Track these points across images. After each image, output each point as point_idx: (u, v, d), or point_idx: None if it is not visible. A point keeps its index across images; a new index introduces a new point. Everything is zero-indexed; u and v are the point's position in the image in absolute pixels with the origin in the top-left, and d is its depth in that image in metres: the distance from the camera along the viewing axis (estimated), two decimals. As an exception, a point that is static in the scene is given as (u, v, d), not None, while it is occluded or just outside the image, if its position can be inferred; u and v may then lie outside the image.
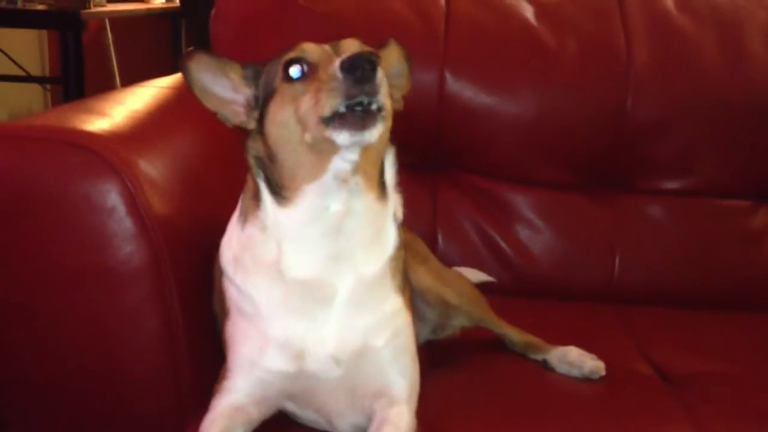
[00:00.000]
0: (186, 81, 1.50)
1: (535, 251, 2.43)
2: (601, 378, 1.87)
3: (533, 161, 2.44)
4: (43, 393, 1.66)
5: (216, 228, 1.61)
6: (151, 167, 1.65)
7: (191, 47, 5.54)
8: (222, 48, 2.42)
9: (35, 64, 5.38)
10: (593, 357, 1.90)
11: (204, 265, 1.68)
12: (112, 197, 1.53)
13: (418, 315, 1.90)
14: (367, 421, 1.55)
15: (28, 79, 5.13)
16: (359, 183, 1.42)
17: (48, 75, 5.50)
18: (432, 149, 2.40)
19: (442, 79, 2.36)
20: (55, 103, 5.26)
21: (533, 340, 1.98)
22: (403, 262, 1.59)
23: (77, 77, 4.06)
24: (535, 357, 1.96)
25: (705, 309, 2.36)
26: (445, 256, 2.36)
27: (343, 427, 1.58)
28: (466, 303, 1.94)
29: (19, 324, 1.61)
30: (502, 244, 2.43)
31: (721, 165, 2.46)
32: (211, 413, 1.51)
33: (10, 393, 1.69)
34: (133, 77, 2.45)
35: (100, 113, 1.78)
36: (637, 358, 2.03)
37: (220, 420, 1.49)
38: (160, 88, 2.18)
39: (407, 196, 1.56)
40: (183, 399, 1.65)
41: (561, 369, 1.90)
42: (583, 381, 1.87)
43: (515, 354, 1.99)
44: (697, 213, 2.45)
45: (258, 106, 1.48)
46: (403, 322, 1.57)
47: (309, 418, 1.60)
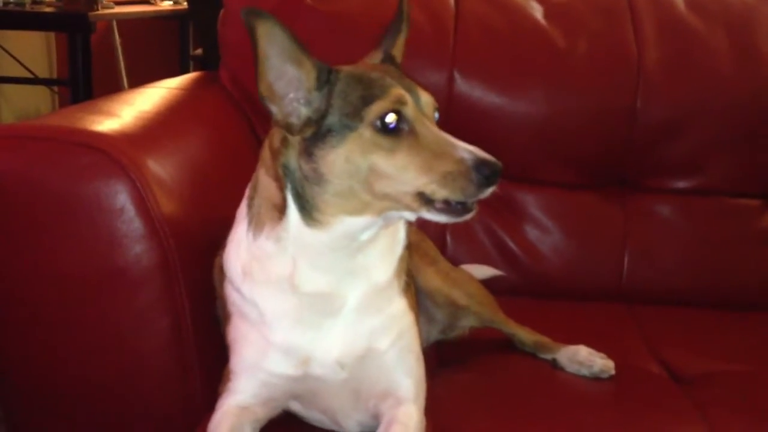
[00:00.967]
0: (252, 45, 1.30)
1: (545, 251, 2.42)
2: (611, 377, 1.86)
3: (542, 161, 2.43)
4: (53, 394, 1.66)
5: (224, 228, 1.61)
6: (159, 168, 1.65)
7: (198, 49, 5.55)
8: (230, 51, 2.42)
9: (43, 66, 5.39)
10: (603, 356, 1.89)
11: (213, 265, 1.68)
12: (122, 198, 1.53)
13: (427, 316, 1.90)
14: (373, 419, 1.55)
15: (36, 81, 5.15)
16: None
17: (56, 77, 5.51)
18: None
19: (451, 79, 2.36)
20: (63, 105, 5.27)
21: (542, 339, 1.97)
22: (407, 261, 1.58)
23: (85, 79, 4.07)
24: (545, 356, 1.95)
25: (715, 308, 2.35)
26: (455, 256, 2.35)
27: (349, 426, 1.58)
28: (474, 304, 1.94)
29: (29, 325, 1.61)
30: (511, 244, 2.43)
31: (731, 164, 2.45)
32: (218, 413, 1.51)
33: (19, 395, 1.69)
34: (141, 79, 2.46)
35: (109, 114, 1.78)
36: (648, 357, 2.03)
37: (228, 419, 1.49)
38: (168, 89, 2.18)
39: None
40: (193, 399, 1.65)
41: (570, 368, 1.90)
42: (592, 380, 1.86)
43: (524, 353, 1.98)
44: (706, 212, 2.44)
45: (322, 124, 1.35)
46: (407, 322, 1.56)
47: (315, 417, 1.60)
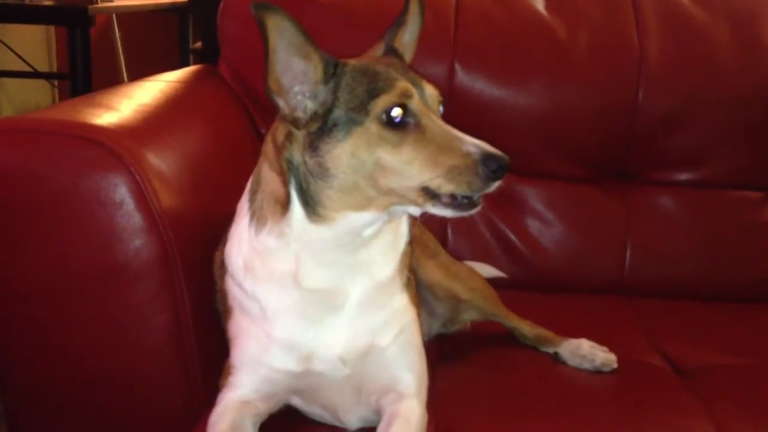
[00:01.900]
0: (262, 38, 1.29)
1: (546, 244, 2.41)
2: (614, 371, 1.86)
3: (544, 154, 2.42)
4: (53, 389, 1.66)
5: (224, 222, 1.60)
6: (159, 161, 1.64)
7: (198, 42, 5.53)
8: (230, 43, 2.41)
9: (43, 60, 5.38)
10: (605, 350, 1.89)
11: (213, 258, 1.68)
12: (121, 191, 1.52)
13: (428, 309, 1.89)
14: (375, 414, 1.54)
15: (35, 75, 5.13)
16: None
17: (55, 71, 5.50)
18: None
19: (452, 71, 2.35)
20: (62, 99, 5.26)
21: (544, 333, 1.97)
22: (409, 256, 1.57)
23: (85, 73, 4.05)
24: (546, 350, 1.95)
25: (717, 301, 2.35)
26: (456, 250, 2.35)
27: (350, 420, 1.58)
28: (476, 297, 1.93)
29: (29, 319, 1.61)
30: (513, 237, 2.42)
31: (732, 157, 2.44)
32: (218, 406, 1.50)
33: (19, 390, 1.69)
34: (140, 73, 2.44)
35: (109, 107, 1.77)
36: (650, 350, 2.02)
37: (229, 413, 1.48)
38: (167, 82, 2.17)
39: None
40: (193, 393, 1.65)
41: (573, 362, 1.89)
42: (594, 374, 1.86)
43: (526, 347, 1.98)
44: (708, 205, 2.44)
45: (327, 118, 1.34)
46: (408, 318, 1.56)
47: (315, 412, 1.60)
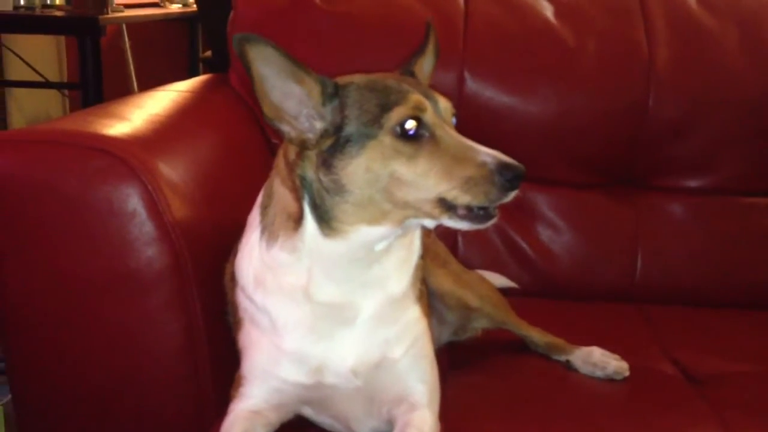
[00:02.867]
0: (246, 72, 1.30)
1: (556, 251, 2.41)
2: (625, 378, 1.85)
3: (553, 160, 2.42)
4: (65, 397, 1.66)
5: (236, 231, 1.60)
6: (171, 171, 1.65)
7: (208, 51, 5.55)
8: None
9: (53, 70, 5.40)
10: (617, 357, 1.88)
11: (225, 268, 1.68)
12: (133, 201, 1.53)
13: (439, 318, 1.89)
14: (387, 425, 1.54)
15: (46, 84, 5.15)
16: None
17: (66, 81, 5.52)
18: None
19: (461, 79, 2.35)
20: (73, 109, 5.28)
21: (555, 340, 1.96)
22: (421, 269, 1.57)
23: (96, 83, 4.07)
24: (558, 358, 1.94)
25: (728, 308, 2.34)
26: (466, 258, 2.35)
27: (361, 431, 1.57)
28: (486, 305, 1.93)
29: (42, 328, 1.62)
30: (523, 244, 2.42)
31: (742, 163, 2.44)
32: (230, 416, 1.51)
33: (32, 397, 1.69)
34: (151, 82, 2.46)
35: (120, 117, 1.78)
36: (661, 358, 2.01)
37: (240, 423, 1.49)
38: (178, 92, 2.18)
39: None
40: (204, 402, 1.65)
41: (584, 370, 1.89)
42: (606, 381, 1.86)
43: (537, 355, 1.97)
44: (718, 211, 2.43)
45: (339, 136, 1.34)
46: (421, 329, 1.56)
47: (326, 422, 1.59)
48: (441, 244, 1.98)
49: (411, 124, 1.32)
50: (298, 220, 1.40)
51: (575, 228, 2.42)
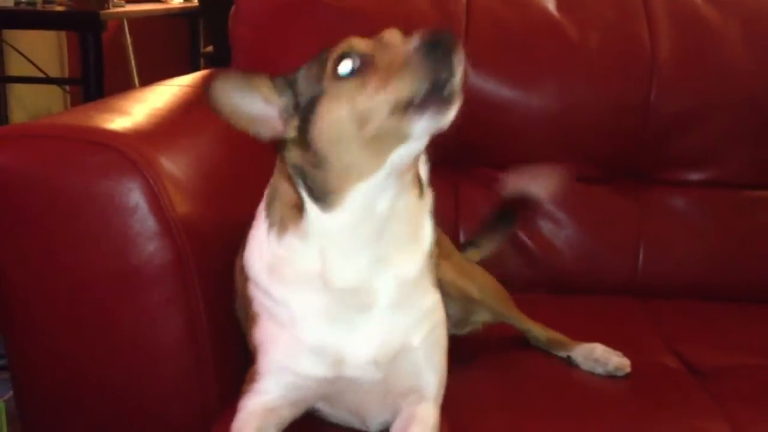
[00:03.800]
0: (213, 106, 1.41)
1: (558, 245, 2.41)
2: (629, 373, 1.85)
3: (556, 154, 2.41)
4: (66, 394, 1.66)
5: (239, 226, 1.60)
6: (173, 165, 1.64)
7: (209, 47, 5.55)
8: (241, 48, 2.42)
9: (54, 65, 5.40)
10: (618, 354, 1.88)
11: (227, 263, 1.68)
12: (135, 196, 1.52)
13: (442, 309, 1.89)
14: (394, 416, 1.54)
15: (47, 80, 5.16)
16: (409, 179, 1.40)
17: (67, 76, 5.52)
18: (453, 144, 2.38)
19: (463, 73, 2.34)
20: (75, 104, 5.28)
21: (557, 336, 1.96)
22: (436, 258, 1.57)
23: (97, 78, 4.07)
24: (559, 354, 1.94)
25: (732, 301, 2.33)
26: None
27: (374, 425, 1.57)
28: (488, 298, 1.93)
29: (42, 324, 1.61)
30: (525, 238, 2.41)
31: (746, 157, 2.43)
32: (242, 413, 1.49)
33: (33, 394, 1.69)
34: (152, 77, 2.45)
35: (121, 112, 1.78)
36: (664, 351, 2.01)
37: (254, 420, 1.48)
38: (180, 86, 2.17)
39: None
40: (208, 399, 1.65)
41: (586, 366, 1.88)
42: (609, 377, 1.85)
43: (539, 350, 1.97)
44: (722, 205, 2.43)
45: (299, 113, 1.39)
46: (439, 317, 1.56)
47: (340, 416, 1.59)
48: (446, 237, 1.98)
49: (344, 61, 1.33)
50: (300, 207, 1.41)
51: (577, 222, 2.42)
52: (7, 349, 1.66)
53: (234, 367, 1.60)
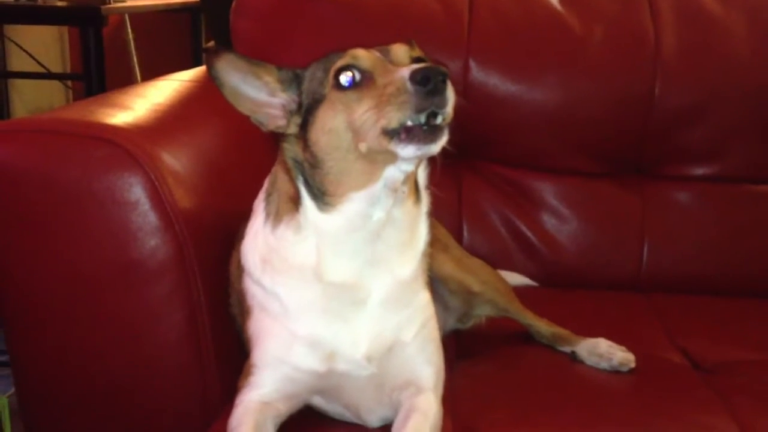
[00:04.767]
0: (214, 81, 1.42)
1: (562, 240, 2.40)
2: (633, 368, 1.84)
3: (559, 149, 2.41)
4: (68, 388, 1.66)
5: (240, 220, 1.60)
6: (174, 160, 1.64)
7: (211, 42, 5.54)
8: (243, 42, 2.41)
9: (56, 61, 5.39)
10: (623, 349, 1.87)
11: (228, 257, 1.67)
12: (136, 191, 1.53)
13: (443, 304, 1.88)
14: (393, 412, 1.54)
15: (49, 75, 5.15)
16: (405, 191, 1.42)
17: (69, 72, 5.51)
18: (456, 138, 2.37)
19: (466, 67, 2.33)
20: (76, 99, 5.26)
21: (560, 331, 1.95)
22: (429, 257, 1.57)
23: (98, 73, 4.06)
24: (563, 349, 1.93)
25: (735, 296, 2.33)
26: (471, 246, 2.34)
27: (371, 420, 1.57)
28: (489, 290, 1.92)
29: (43, 319, 1.61)
30: (529, 233, 2.41)
31: (749, 151, 2.42)
32: (239, 408, 1.49)
33: (35, 389, 1.69)
34: (153, 73, 2.44)
35: (123, 107, 1.78)
36: (668, 346, 2.00)
37: (251, 414, 1.48)
38: (181, 81, 2.17)
39: (431, 186, 1.54)
40: (209, 392, 1.64)
41: (590, 361, 1.88)
42: (613, 372, 1.84)
43: (543, 345, 1.96)
44: (726, 199, 2.42)
45: (301, 112, 1.43)
46: (430, 313, 1.57)
47: (336, 411, 1.59)
48: (442, 228, 1.97)
49: (346, 73, 1.36)
50: (297, 201, 1.43)
51: (581, 217, 2.41)
52: (8, 345, 1.66)
53: (235, 361, 1.59)
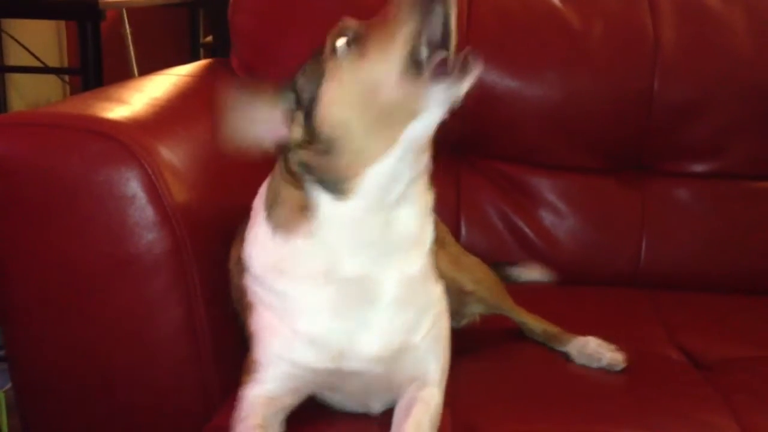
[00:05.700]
0: (229, 147, 1.38)
1: (561, 237, 2.40)
2: (631, 365, 1.83)
3: (558, 145, 2.40)
4: (64, 383, 1.65)
5: (238, 215, 1.60)
6: (171, 154, 1.64)
7: (209, 37, 5.53)
8: (241, 35, 2.40)
9: (53, 55, 5.37)
10: (613, 348, 1.84)
11: (226, 252, 1.67)
12: (133, 185, 1.52)
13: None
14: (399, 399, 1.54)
15: (46, 70, 5.13)
16: (425, 161, 1.38)
17: (66, 66, 5.50)
18: (455, 135, 2.36)
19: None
20: (73, 94, 5.25)
21: (552, 329, 1.93)
22: (435, 255, 1.56)
23: (96, 68, 4.04)
24: (556, 347, 1.92)
25: (735, 293, 2.32)
26: (469, 242, 2.33)
27: (374, 406, 1.57)
28: (481, 289, 1.91)
29: (40, 313, 1.61)
30: (527, 229, 2.40)
31: (750, 147, 2.41)
32: (245, 402, 1.49)
33: (31, 383, 1.68)
34: (151, 68, 2.43)
35: (120, 101, 1.77)
36: (667, 343, 2.00)
37: (258, 409, 1.47)
38: (179, 76, 2.17)
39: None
40: (207, 388, 1.64)
41: (580, 360, 1.86)
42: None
43: (537, 343, 1.95)
44: (726, 195, 2.41)
45: (303, 106, 1.38)
46: (442, 308, 1.57)
47: (342, 401, 1.59)
48: (442, 225, 1.95)
49: (340, 39, 1.33)
50: (309, 207, 1.40)
51: (580, 213, 2.41)
52: (5, 339, 1.65)
53: (233, 357, 1.59)
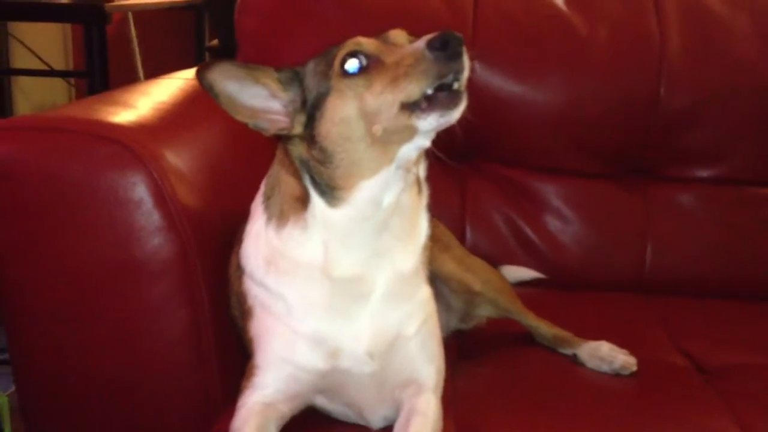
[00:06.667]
0: (208, 92, 1.38)
1: (565, 242, 2.40)
2: (635, 370, 1.83)
3: (563, 150, 2.41)
4: (69, 387, 1.65)
5: (243, 219, 1.59)
6: (177, 159, 1.64)
7: (215, 40, 5.54)
8: (248, 38, 2.41)
9: (59, 58, 5.38)
10: (624, 352, 1.86)
11: (229, 258, 1.67)
12: (139, 189, 1.52)
13: (445, 303, 1.88)
14: (395, 412, 1.54)
15: (52, 73, 5.14)
16: (416, 172, 1.42)
17: (72, 69, 5.51)
18: (460, 139, 2.37)
19: (470, 68, 2.32)
20: (79, 97, 5.26)
21: (562, 333, 1.94)
22: (429, 251, 1.57)
23: (102, 71, 4.05)
24: (565, 351, 1.92)
25: (739, 299, 2.32)
26: (474, 247, 2.33)
27: (374, 420, 1.57)
28: (490, 290, 1.92)
29: (46, 317, 1.61)
30: (532, 234, 2.40)
31: (754, 153, 2.42)
32: (242, 410, 1.49)
33: (35, 387, 1.68)
34: (157, 71, 2.44)
35: (126, 105, 1.77)
36: (671, 349, 2.00)
37: (254, 417, 1.47)
38: (185, 80, 2.16)
39: (434, 188, 1.53)
40: (210, 391, 1.64)
41: (591, 364, 1.87)
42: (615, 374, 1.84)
43: (545, 347, 1.96)
44: (730, 201, 2.41)
45: (306, 109, 1.41)
46: (431, 309, 1.57)
47: (339, 411, 1.59)
48: (443, 228, 1.97)
49: (351, 60, 1.35)
50: (305, 200, 1.42)
51: (584, 218, 2.41)
52: (9, 343, 1.65)
53: (237, 361, 1.59)
